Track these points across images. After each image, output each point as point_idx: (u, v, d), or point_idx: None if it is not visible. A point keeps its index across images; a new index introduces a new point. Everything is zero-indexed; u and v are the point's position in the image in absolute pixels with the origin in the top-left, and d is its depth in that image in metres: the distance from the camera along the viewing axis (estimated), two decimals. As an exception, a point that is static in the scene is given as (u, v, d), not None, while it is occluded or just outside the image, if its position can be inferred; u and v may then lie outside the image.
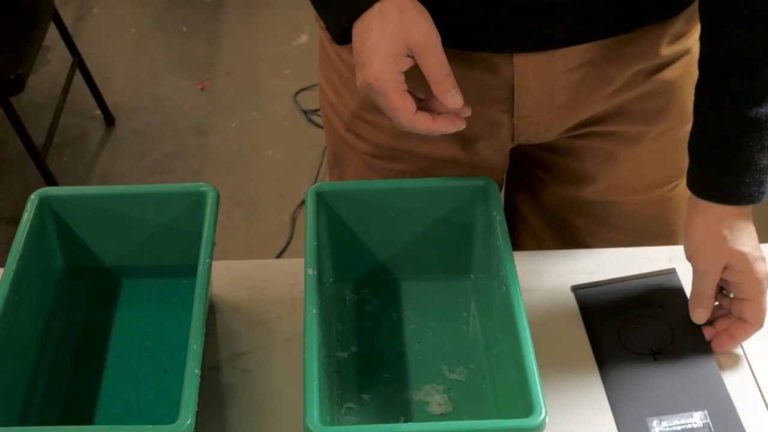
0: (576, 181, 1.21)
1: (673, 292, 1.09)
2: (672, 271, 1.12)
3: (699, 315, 1.03)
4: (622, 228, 1.23)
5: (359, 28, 0.95)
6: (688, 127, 1.05)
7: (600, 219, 1.23)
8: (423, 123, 0.95)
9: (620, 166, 1.18)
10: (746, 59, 0.97)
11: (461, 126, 0.97)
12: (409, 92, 0.95)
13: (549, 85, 1.09)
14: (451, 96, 0.95)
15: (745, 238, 1.00)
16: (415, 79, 0.95)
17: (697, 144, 1.02)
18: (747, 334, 1.02)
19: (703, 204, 1.01)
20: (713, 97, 1.00)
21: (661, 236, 1.25)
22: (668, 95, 1.13)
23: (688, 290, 1.08)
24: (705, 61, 1.01)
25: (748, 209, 1.01)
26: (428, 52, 0.93)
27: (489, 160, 1.18)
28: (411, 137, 1.14)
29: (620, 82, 1.10)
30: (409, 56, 0.94)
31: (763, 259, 1.00)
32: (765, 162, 0.98)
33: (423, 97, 0.98)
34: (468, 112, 0.97)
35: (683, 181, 1.16)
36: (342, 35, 0.98)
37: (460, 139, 1.13)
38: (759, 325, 1.01)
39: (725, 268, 1.01)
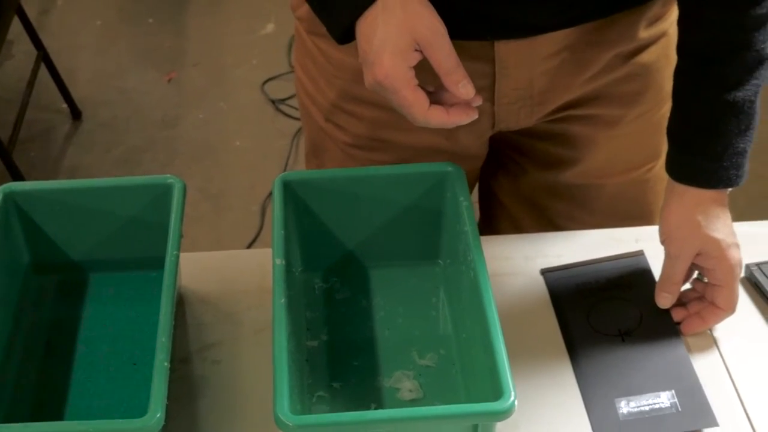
0: (555, 166, 1.21)
1: (642, 274, 1.10)
2: (640, 253, 1.12)
3: (664, 300, 1.04)
4: (601, 211, 1.24)
5: (363, 27, 0.94)
6: (665, 108, 1.06)
7: (579, 203, 1.24)
8: (438, 117, 0.95)
9: (599, 149, 1.18)
10: (725, 44, 0.97)
11: (474, 116, 0.96)
12: (420, 86, 0.94)
13: (529, 72, 1.09)
14: (462, 86, 0.94)
15: (719, 225, 1.01)
16: (423, 71, 0.95)
17: (675, 128, 1.03)
18: (718, 319, 1.02)
19: (680, 188, 1.02)
20: (692, 82, 1.00)
21: (640, 218, 1.26)
22: (646, 78, 1.14)
23: (656, 272, 1.08)
24: (683, 46, 1.02)
25: (725, 196, 1.02)
26: (436, 45, 0.92)
27: (470, 148, 1.18)
28: (390, 127, 1.14)
29: (599, 66, 1.11)
30: (416, 50, 0.93)
31: (737, 245, 1.01)
32: (742, 146, 0.99)
33: (432, 90, 0.97)
34: (479, 101, 0.96)
35: (660, 163, 1.18)
36: (344, 35, 0.97)
37: (441, 128, 1.13)
38: (730, 310, 1.02)
39: (698, 254, 1.01)
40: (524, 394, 0.96)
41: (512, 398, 0.82)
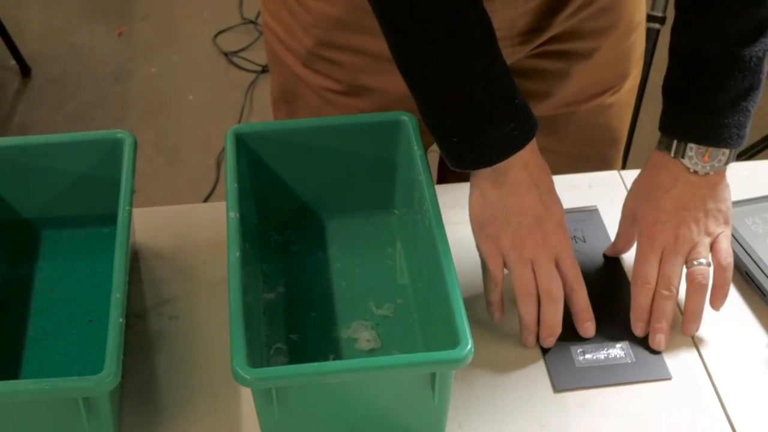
0: (528, 100, 1.21)
1: (595, 228, 1.11)
2: (594, 209, 1.13)
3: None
4: (571, 138, 1.24)
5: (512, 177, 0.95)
6: (634, 36, 1.07)
7: (549, 132, 1.24)
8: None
9: (572, 82, 1.18)
10: None
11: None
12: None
13: (512, 13, 1.08)
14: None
15: (667, 201, 1.00)
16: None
17: (675, 84, 1.01)
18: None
19: (664, 160, 1.01)
20: (697, 36, 0.99)
21: (607, 143, 1.27)
22: (618, 10, 1.15)
23: (608, 226, 1.10)
24: (686, 0, 1.00)
25: (709, 187, 1.00)
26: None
27: None
28: (371, 73, 1.14)
29: (576, 4, 1.11)
30: None
31: (663, 223, 1.00)
32: (744, 104, 0.98)
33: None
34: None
35: (625, 86, 1.21)
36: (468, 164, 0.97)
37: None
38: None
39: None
40: (481, 341, 0.96)
41: (469, 346, 0.83)
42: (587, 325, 0.99)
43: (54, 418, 0.85)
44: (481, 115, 0.92)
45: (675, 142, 1.00)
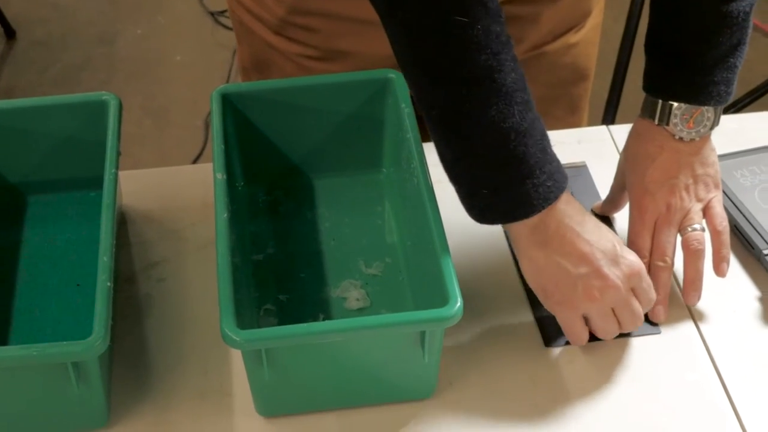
0: None
1: (585, 185, 1.11)
2: (582, 165, 1.13)
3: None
4: (540, 81, 1.22)
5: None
6: None
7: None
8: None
9: (541, 25, 1.17)
10: None
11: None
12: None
13: None
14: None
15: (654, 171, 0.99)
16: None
17: (660, 43, 0.99)
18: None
19: (650, 130, 0.99)
20: None
21: (574, 82, 1.26)
22: None
23: (597, 182, 1.10)
24: None
25: (695, 153, 0.99)
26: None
27: None
28: (348, 36, 1.12)
29: None
30: None
31: (652, 194, 0.99)
32: (732, 60, 0.96)
33: None
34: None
35: (588, 24, 1.20)
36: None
37: None
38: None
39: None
40: (471, 299, 0.96)
41: (458, 304, 0.82)
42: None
43: (43, 384, 0.85)
44: (517, 165, 0.85)
45: (660, 106, 0.98)
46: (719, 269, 0.98)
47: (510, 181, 0.86)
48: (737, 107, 2.02)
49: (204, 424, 0.90)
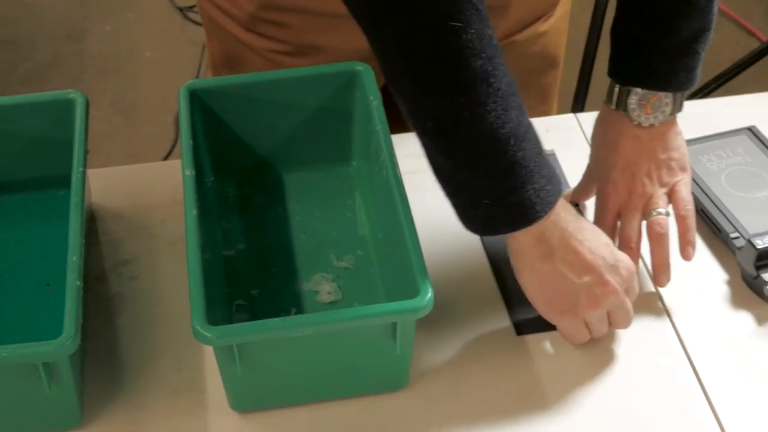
0: None
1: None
2: (551, 153, 1.13)
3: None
4: (513, 71, 1.22)
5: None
6: None
7: None
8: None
9: (510, 15, 1.17)
10: None
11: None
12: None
13: None
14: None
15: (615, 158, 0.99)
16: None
17: (623, 29, 1.00)
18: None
19: (618, 120, 1.00)
20: None
21: (544, 70, 1.27)
22: None
23: (566, 170, 1.11)
24: None
25: (657, 139, 0.99)
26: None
27: None
28: (319, 31, 1.12)
29: None
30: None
31: (615, 182, 1.00)
32: (694, 47, 0.97)
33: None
34: None
35: (556, 13, 1.20)
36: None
37: None
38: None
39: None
40: (442, 290, 0.97)
41: (429, 295, 0.83)
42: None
43: (14, 385, 0.84)
44: (519, 171, 0.83)
45: (617, 91, 0.99)
46: (685, 253, 0.99)
47: (512, 189, 0.84)
48: (704, 92, 2.03)
49: (178, 422, 0.90)
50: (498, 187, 0.84)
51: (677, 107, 0.98)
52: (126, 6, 2.91)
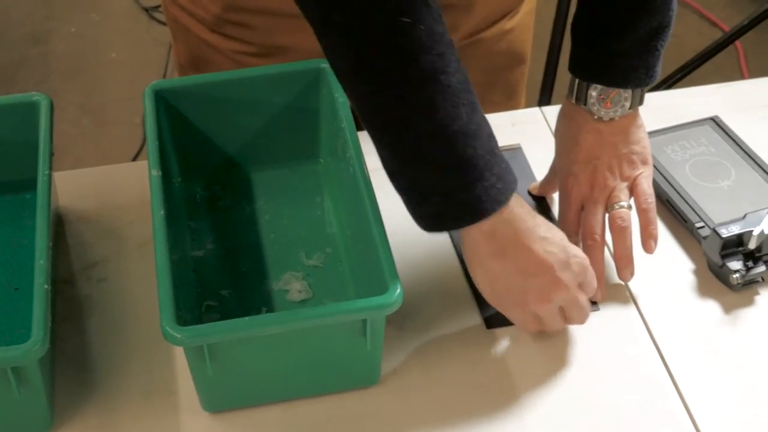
0: None
1: (520, 166, 1.12)
2: (517, 147, 1.14)
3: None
4: (477, 68, 1.23)
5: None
6: None
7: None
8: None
9: (476, 13, 1.17)
10: None
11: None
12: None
13: None
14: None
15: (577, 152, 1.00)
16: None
17: (582, 26, 1.00)
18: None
19: (577, 113, 1.00)
20: None
21: (511, 67, 1.27)
22: None
23: (532, 164, 1.11)
24: None
25: (619, 133, 1.00)
26: None
27: None
28: (285, 32, 1.11)
29: None
30: None
31: (576, 176, 1.00)
32: (653, 43, 0.97)
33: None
34: None
35: (522, 9, 1.21)
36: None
37: None
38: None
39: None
40: (411, 285, 0.98)
41: (398, 291, 0.83)
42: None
43: (-16, 390, 0.84)
44: (466, 169, 0.83)
45: (577, 85, 0.99)
46: (647, 246, 0.99)
47: (460, 186, 0.84)
48: (668, 83, 2.04)
49: (150, 424, 0.90)
50: (445, 185, 0.84)
51: (637, 101, 0.99)
52: (91, 7, 2.89)
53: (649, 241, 0.99)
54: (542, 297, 0.90)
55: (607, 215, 0.99)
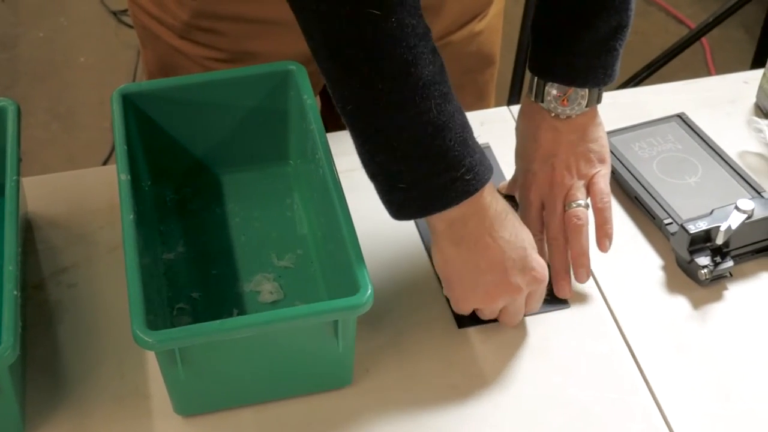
0: None
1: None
2: (486, 146, 1.14)
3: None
4: (450, 70, 1.23)
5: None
6: None
7: None
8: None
9: (445, 15, 1.17)
10: None
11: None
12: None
13: None
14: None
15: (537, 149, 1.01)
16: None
17: (541, 25, 1.00)
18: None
19: (535, 110, 1.01)
20: None
21: (480, 68, 1.28)
22: None
23: (501, 162, 1.12)
24: None
25: (577, 132, 1.00)
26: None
27: None
28: (255, 38, 1.12)
29: None
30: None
31: (534, 173, 1.01)
32: (612, 44, 0.97)
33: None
34: None
35: (491, 11, 1.22)
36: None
37: None
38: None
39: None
40: (382, 286, 0.98)
41: (369, 291, 0.83)
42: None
43: (-46, 397, 0.84)
44: (435, 160, 0.84)
45: (535, 83, 0.99)
46: (601, 244, 1.00)
47: (427, 176, 0.85)
48: (635, 81, 2.06)
49: (122, 428, 0.90)
50: (413, 174, 0.85)
51: (594, 100, 0.99)
52: (59, 11, 2.88)
53: (604, 240, 0.99)
54: (489, 295, 0.92)
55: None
